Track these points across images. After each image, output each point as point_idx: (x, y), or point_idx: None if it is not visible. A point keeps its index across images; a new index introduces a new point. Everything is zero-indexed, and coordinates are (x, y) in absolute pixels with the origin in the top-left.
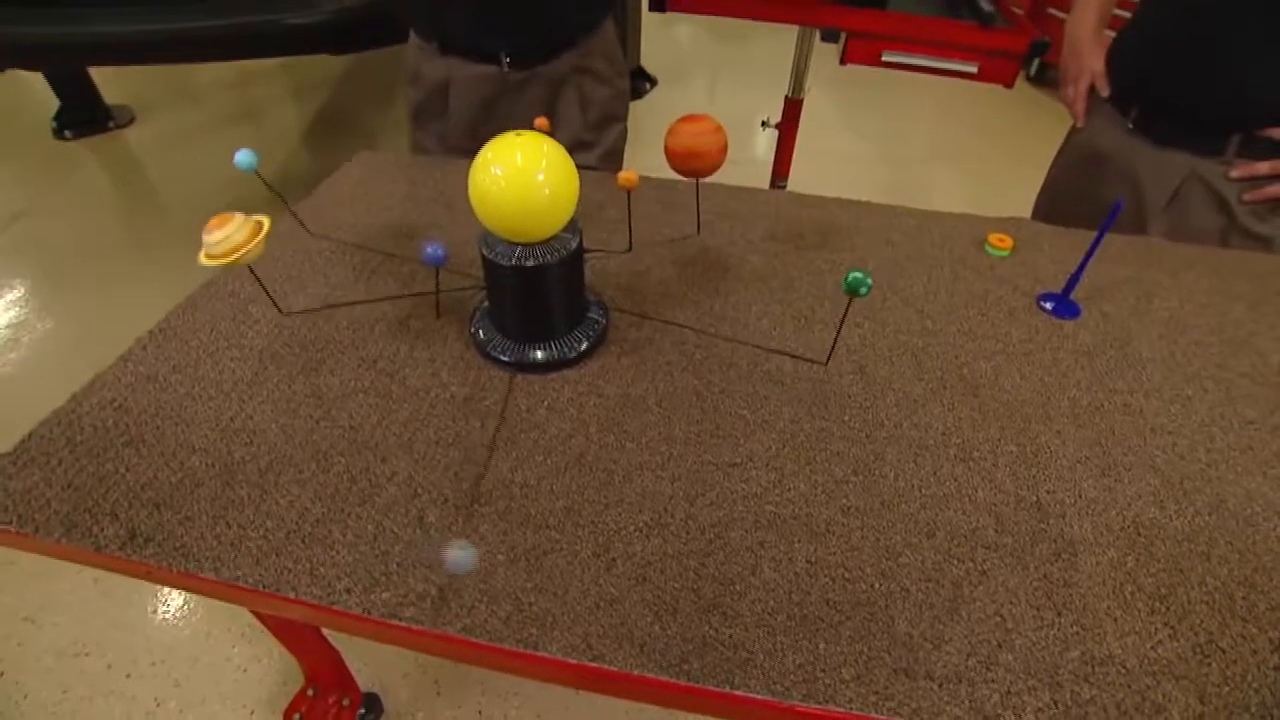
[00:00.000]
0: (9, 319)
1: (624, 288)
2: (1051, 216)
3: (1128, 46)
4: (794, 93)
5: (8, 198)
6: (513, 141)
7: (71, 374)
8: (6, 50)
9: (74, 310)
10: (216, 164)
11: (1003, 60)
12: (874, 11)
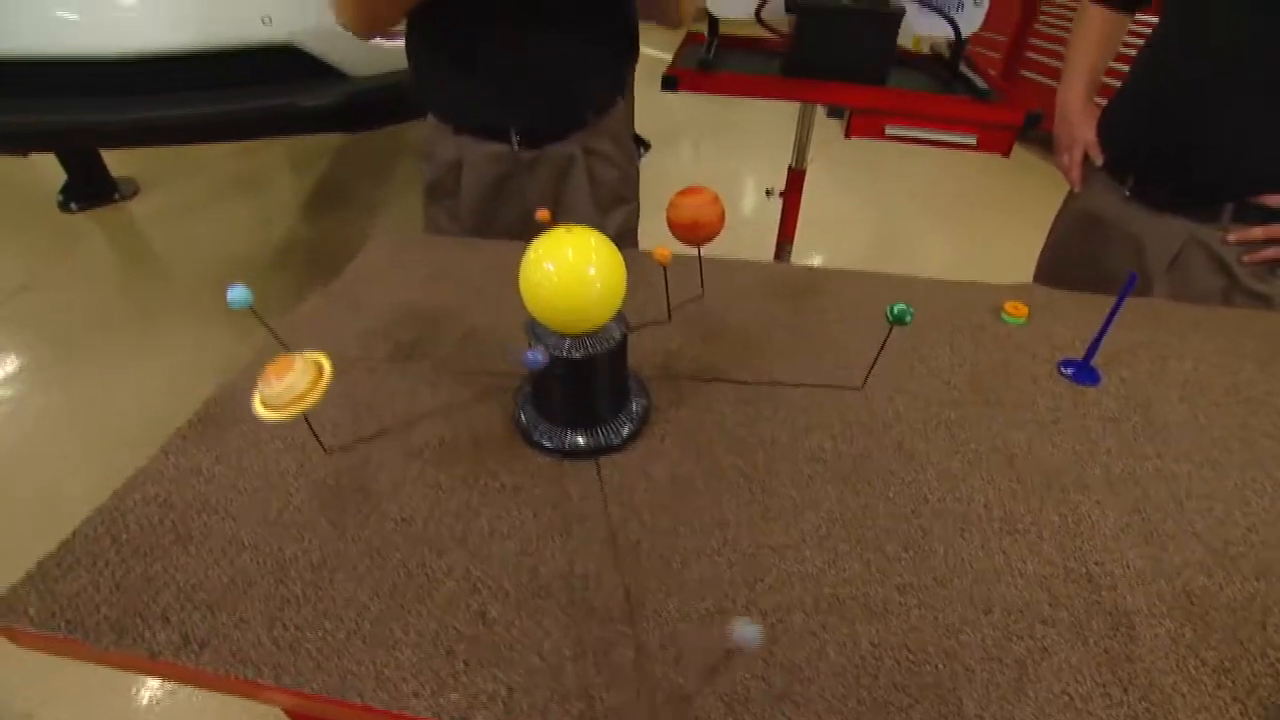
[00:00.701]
0: (13, 391)
1: (659, 365)
2: (1056, 279)
3: (1118, 117)
4: (797, 163)
5: (12, 270)
6: (564, 238)
7: (76, 448)
8: (30, 137)
9: (78, 383)
10: (218, 235)
11: (1000, 132)
12: (877, 89)
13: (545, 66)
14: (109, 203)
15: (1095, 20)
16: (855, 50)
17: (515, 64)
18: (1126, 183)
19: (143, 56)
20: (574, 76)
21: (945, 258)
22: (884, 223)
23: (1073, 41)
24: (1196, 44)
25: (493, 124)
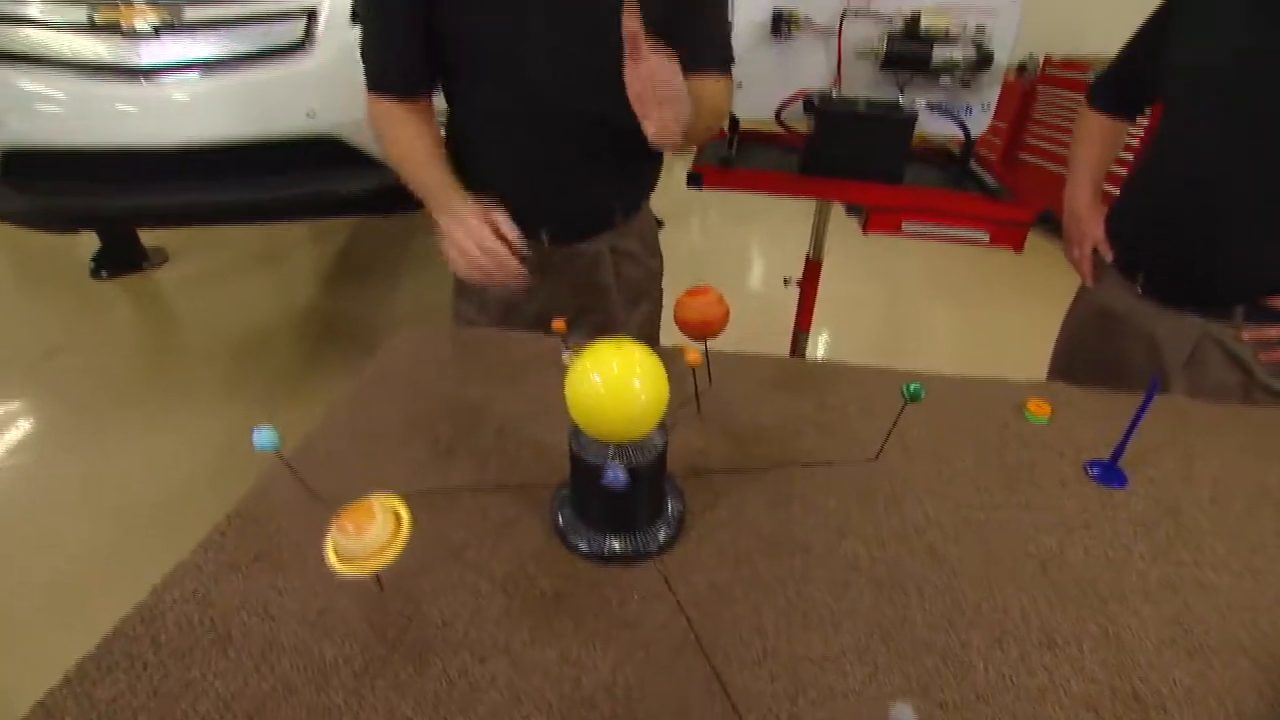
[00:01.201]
0: (28, 458)
1: (690, 462)
2: (1072, 371)
3: (1125, 217)
4: (814, 254)
5: (42, 334)
6: (611, 352)
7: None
8: (84, 219)
9: (93, 452)
10: (241, 305)
11: (1011, 229)
12: (894, 187)
13: (577, 176)
14: (138, 271)
15: (1095, 125)
16: (871, 151)
17: (548, 173)
18: (1137, 280)
19: (195, 147)
20: (605, 184)
21: (958, 337)
22: (897, 301)
23: (1075, 144)
24: (1194, 155)
25: (523, 225)
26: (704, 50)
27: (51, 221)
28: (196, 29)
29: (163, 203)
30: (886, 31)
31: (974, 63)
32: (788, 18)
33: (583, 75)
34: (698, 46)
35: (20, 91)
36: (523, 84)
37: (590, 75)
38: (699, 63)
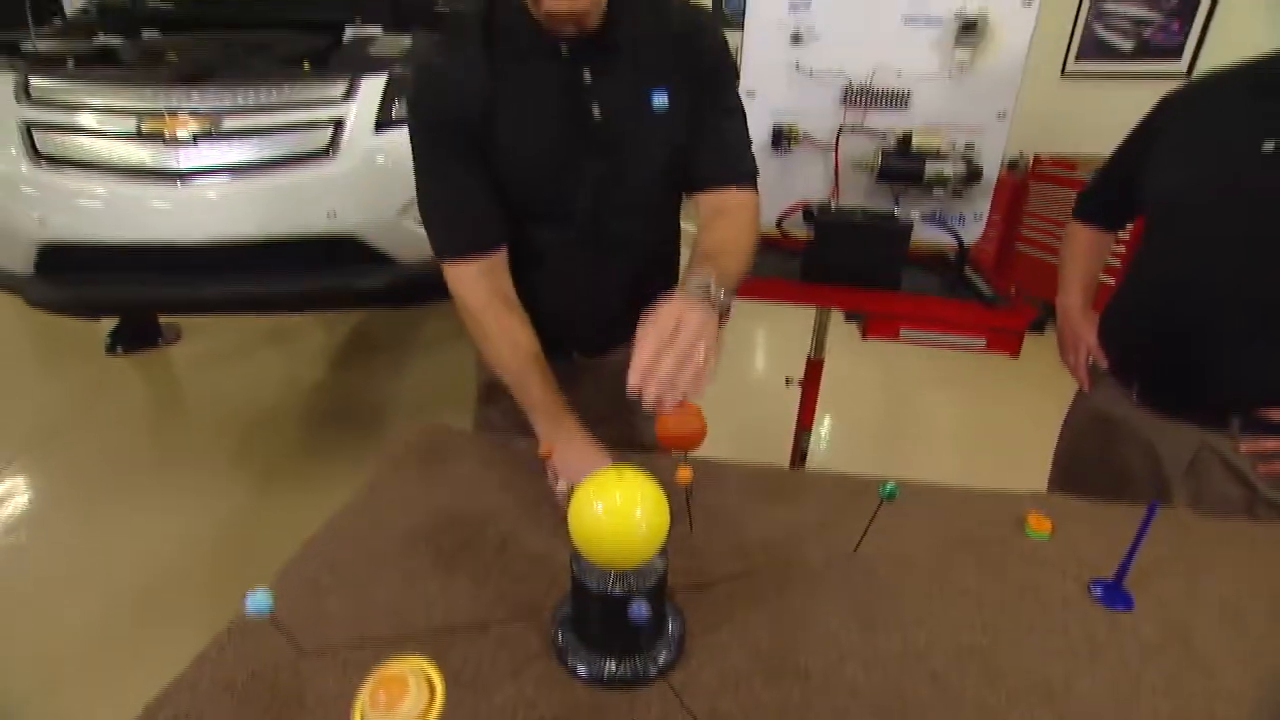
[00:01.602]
0: (23, 537)
1: (689, 579)
2: (1072, 478)
3: (1115, 325)
4: (815, 354)
5: (53, 409)
6: (614, 480)
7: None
8: (105, 306)
9: (90, 532)
10: (250, 383)
11: (1007, 335)
12: (892, 294)
13: (610, 298)
14: (153, 347)
15: (1081, 236)
16: (869, 260)
17: (582, 298)
18: (1133, 387)
19: (222, 243)
20: (633, 302)
21: (962, 428)
22: (899, 396)
23: (1064, 254)
24: (1175, 272)
25: (555, 345)
26: (729, 165)
27: (79, 310)
28: (232, 136)
29: (186, 294)
30: (880, 148)
31: (964, 177)
32: (787, 133)
33: (624, 204)
34: (723, 161)
35: (64, 192)
36: (565, 215)
37: (631, 203)
38: (726, 178)
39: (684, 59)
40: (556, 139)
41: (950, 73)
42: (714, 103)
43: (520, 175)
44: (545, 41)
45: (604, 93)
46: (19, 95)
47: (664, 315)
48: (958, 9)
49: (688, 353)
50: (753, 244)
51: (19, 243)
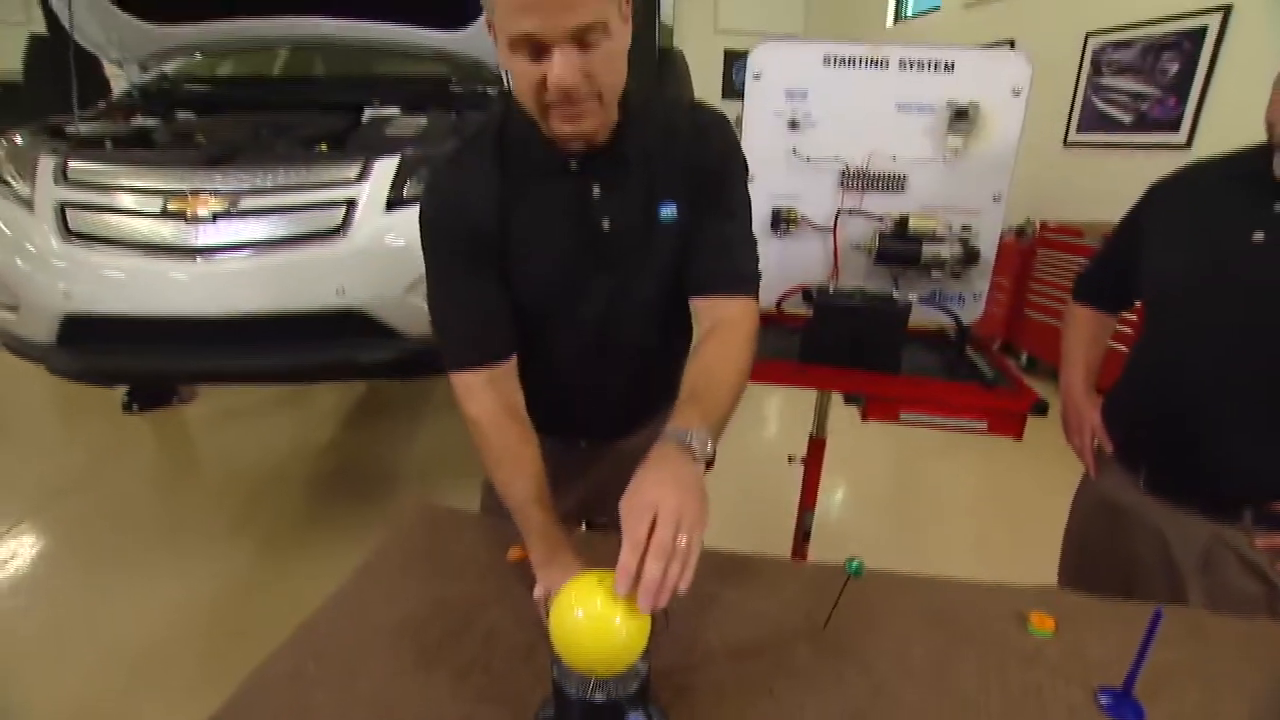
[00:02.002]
0: (23, 600)
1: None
2: (1081, 570)
3: (1119, 409)
4: (817, 432)
5: (66, 468)
6: (594, 586)
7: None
8: (121, 375)
9: (97, 593)
10: (260, 444)
11: (1009, 419)
12: (891, 377)
13: (617, 396)
14: (168, 406)
15: (1081, 318)
16: (867, 342)
17: (587, 396)
18: (1140, 474)
19: (233, 317)
20: (642, 396)
21: (968, 503)
22: (904, 472)
23: (1065, 335)
24: (1176, 360)
25: (564, 435)
26: (726, 271)
27: (97, 379)
28: (249, 215)
29: (199, 366)
30: (878, 230)
31: (961, 258)
32: (786, 216)
33: (634, 312)
34: (720, 267)
35: (89, 267)
36: (576, 322)
37: (640, 311)
38: (721, 285)
39: (692, 166)
40: (566, 252)
41: (945, 157)
42: (716, 204)
43: (531, 287)
44: (555, 157)
45: (613, 207)
46: (57, 177)
47: (638, 505)
48: (950, 98)
49: (668, 548)
50: (745, 367)
51: (44, 315)
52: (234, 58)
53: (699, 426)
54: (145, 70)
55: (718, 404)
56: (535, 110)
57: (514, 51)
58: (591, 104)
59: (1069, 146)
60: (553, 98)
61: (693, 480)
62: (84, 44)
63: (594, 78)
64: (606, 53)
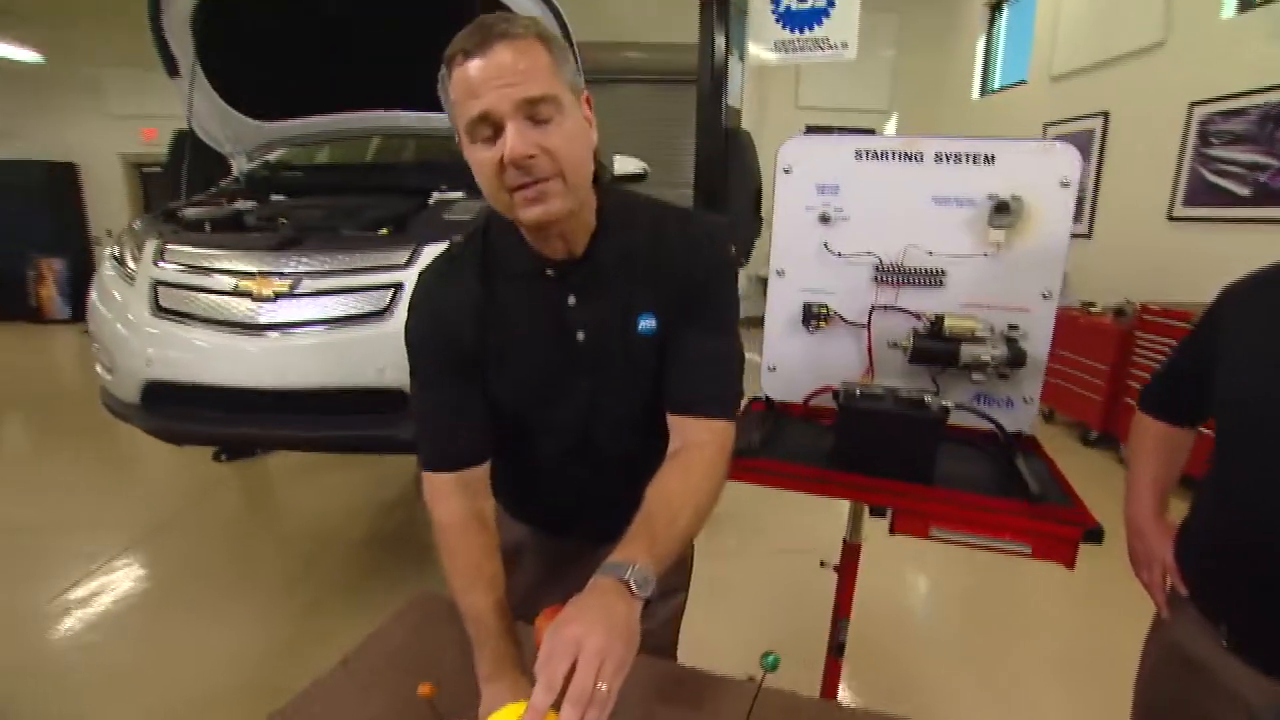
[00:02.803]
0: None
1: None
2: None
3: (1193, 546)
4: (851, 537)
5: (162, 509)
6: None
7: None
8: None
9: (163, 637)
10: (326, 501)
11: (1060, 544)
12: (920, 487)
13: (604, 502)
14: (251, 456)
15: (1150, 432)
16: (898, 450)
17: (575, 503)
18: (1221, 629)
19: (286, 390)
20: (631, 500)
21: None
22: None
23: (1131, 452)
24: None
25: (555, 533)
26: (699, 391)
27: (170, 439)
28: (307, 296)
29: (254, 433)
30: (913, 329)
31: (1006, 360)
32: (817, 311)
33: (614, 421)
34: (694, 388)
35: (169, 339)
36: (557, 430)
37: (621, 420)
38: (692, 406)
39: (678, 277)
40: (543, 360)
41: (987, 252)
42: (698, 322)
43: (510, 394)
44: (534, 264)
45: (588, 317)
46: (156, 257)
47: (561, 642)
48: (990, 190)
49: (586, 695)
50: (708, 496)
51: (131, 378)
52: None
53: (643, 560)
54: (251, 159)
55: (670, 534)
56: (501, 201)
57: (474, 141)
58: (555, 184)
59: (1174, 221)
60: (510, 176)
61: (623, 620)
62: (204, 138)
63: (553, 155)
64: (564, 131)
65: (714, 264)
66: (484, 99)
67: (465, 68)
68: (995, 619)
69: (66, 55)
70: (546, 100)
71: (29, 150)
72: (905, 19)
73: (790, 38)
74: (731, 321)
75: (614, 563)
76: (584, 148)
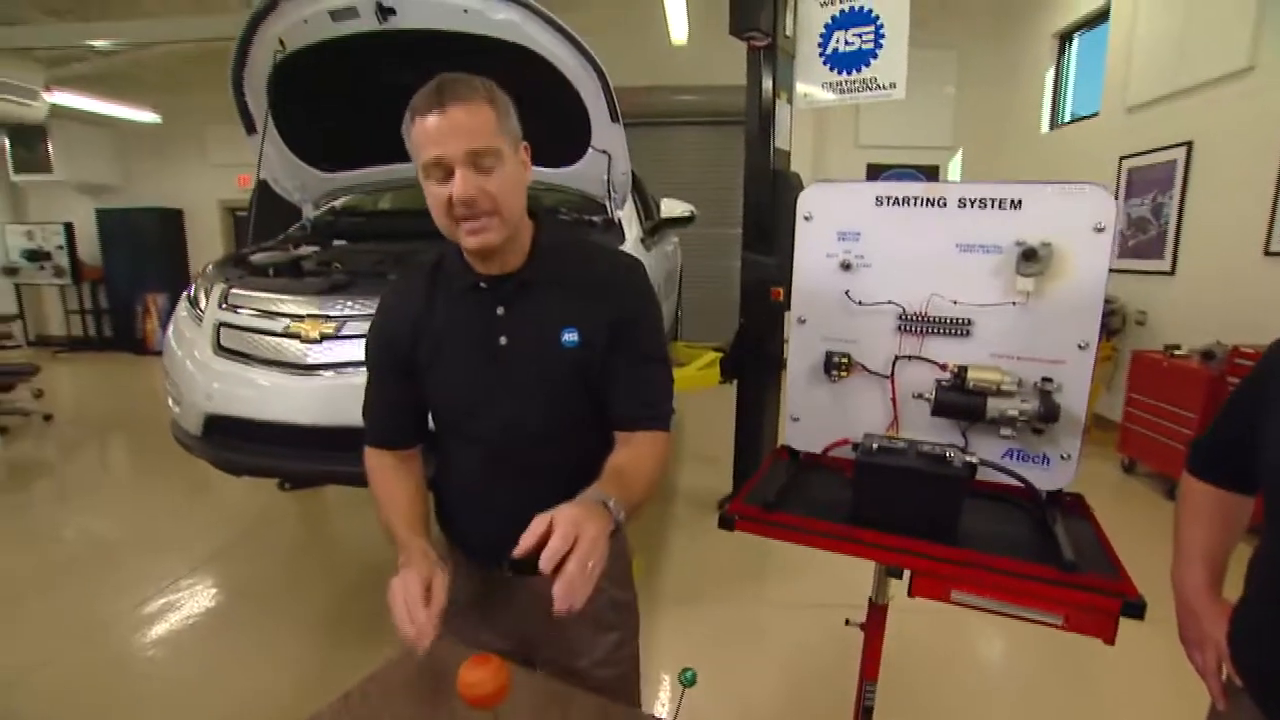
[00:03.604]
0: (170, 650)
1: None
2: None
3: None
4: (878, 597)
5: (228, 534)
6: None
7: None
8: (248, 470)
9: (218, 663)
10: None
11: (1094, 615)
12: (941, 547)
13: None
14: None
15: (1199, 497)
16: (919, 509)
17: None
18: None
19: (326, 427)
20: None
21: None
22: (983, 631)
23: (1179, 517)
24: None
25: (485, 557)
26: (640, 410)
27: (227, 469)
28: (350, 339)
29: (305, 467)
30: (937, 381)
31: (1039, 414)
32: (838, 361)
33: (533, 433)
34: (635, 408)
35: (227, 376)
36: (479, 437)
37: (539, 432)
38: (635, 422)
39: (603, 303)
40: (467, 365)
41: (1015, 301)
42: (630, 349)
43: (439, 394)
44: (472, 279)
45: (513, 326)
46: (221, 301)
47: (565, 518)
48: (1018, 236)
49: (584, 561)
50: (655, 474)
51: (195, 412)
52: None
53: (616, 496)
54: (318, 206)
55: (632, 490)
56: (448, 227)
57: (428, 178)
58: (494, 220)
59: (1272, 256)
60: (457, 210)
61: (601, 523)
62: (275, 188)
63: (493, 197)
64: (501, 177)
65: (640, 294)
66: (439, 147)
67: (425, 120)
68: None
69: (178, 115)
70: (489, 152)
71: (145, 198)
72: (964, 54)
73: (839, 79)
74: (661, 345)
75: (593, 492)
76: (518, 189)
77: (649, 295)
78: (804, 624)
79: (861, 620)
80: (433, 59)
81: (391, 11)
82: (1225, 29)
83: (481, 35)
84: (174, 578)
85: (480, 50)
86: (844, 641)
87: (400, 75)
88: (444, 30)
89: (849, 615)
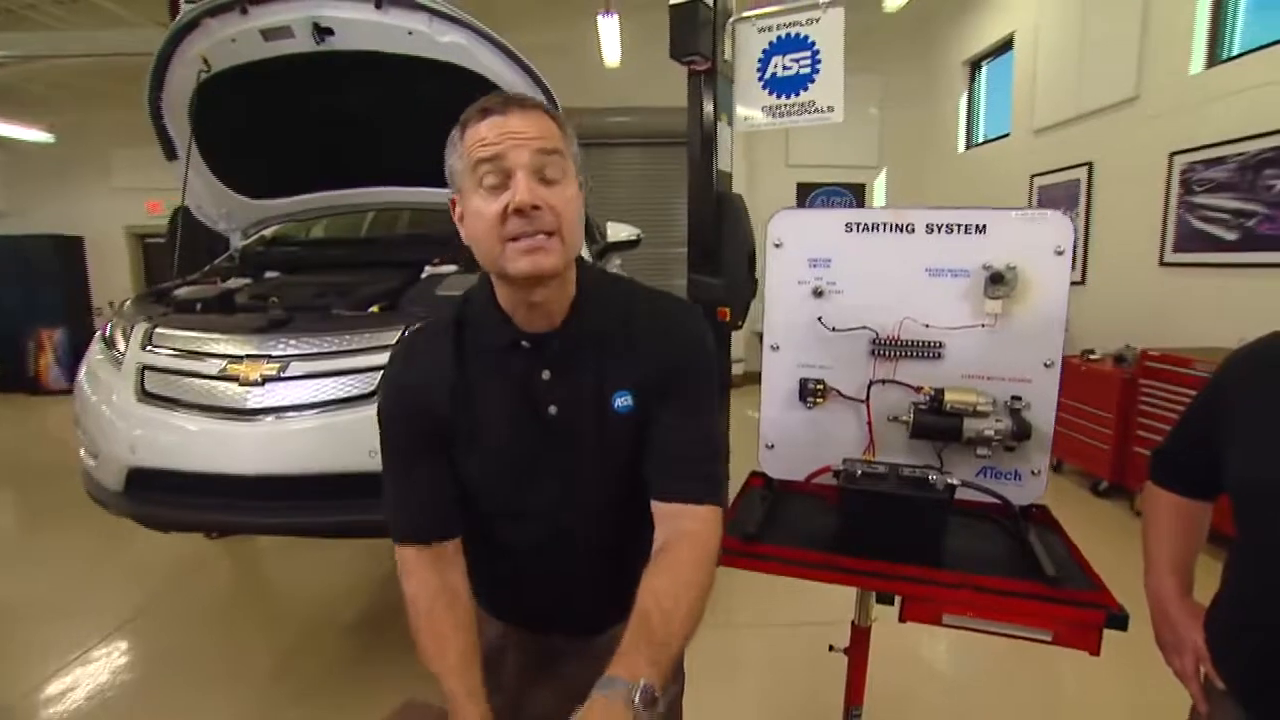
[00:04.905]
0: None
1: None
2: None
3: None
4: (861, 620)
5: (141, 590)
6: None
7: None
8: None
9: None
10: (318, 579)
11: (1080, 629)
12: (928, 570)
13: (580, 594)
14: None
15: (1162, 505)
16: (903, 531)
17: (550, 594)
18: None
19: (274, 476)
20: (609, 593)
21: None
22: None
23: (1145, 527)
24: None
25: (534, 628)
26: (681, 478)
27: (153, 526)
28: (295, 380)
29: (242, 520)
30: (913, 404)
31: (1011, 433)
32: (813, 387)
33: (585, 503)
34: (676, 474)
35: (154, 425)
36: (527, 513)
37: (592, 503)
38: (675, 493)
39: (653, 361)
40: (513, 437)
41: (985, 323)
42: (677, 404)
43: (480, 473)
44: (510, 337)
45: (560, 392)
46: (144, 341)
47: None
48: (985, 260)
49: None
50: (702, 587)
51: (115, 465)
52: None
53: (646, 672)
54: (247, 235)
55: (667, 637)
56: (494, 252)
57: (476, 189)
58: (553, 240)
59: (1166, 267)
60: (511, 225)
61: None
62: (198, 216)
63: (557, 211)
64: (566, 194)
65: (689, 344)
66: (499, 147)
67: (482, 124)
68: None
69: (77, 135)
70: (559, 154)
71: (39, 224)
72: (889, 79)
73: (778, 103)
74: (712, 402)
75: (616, 678)
76: (580, 214)
77: (699, 343)
78: (780, 645)
79: (845, 645)
80: (371, 83)
81: (329, 32)
82: (1113, 61)
83: (425, 58)
84: (83, 648)
85: (422, 74)
86: (823, 660)
87: (335, 98)
88: (385, 53)
89: (824, 631)
